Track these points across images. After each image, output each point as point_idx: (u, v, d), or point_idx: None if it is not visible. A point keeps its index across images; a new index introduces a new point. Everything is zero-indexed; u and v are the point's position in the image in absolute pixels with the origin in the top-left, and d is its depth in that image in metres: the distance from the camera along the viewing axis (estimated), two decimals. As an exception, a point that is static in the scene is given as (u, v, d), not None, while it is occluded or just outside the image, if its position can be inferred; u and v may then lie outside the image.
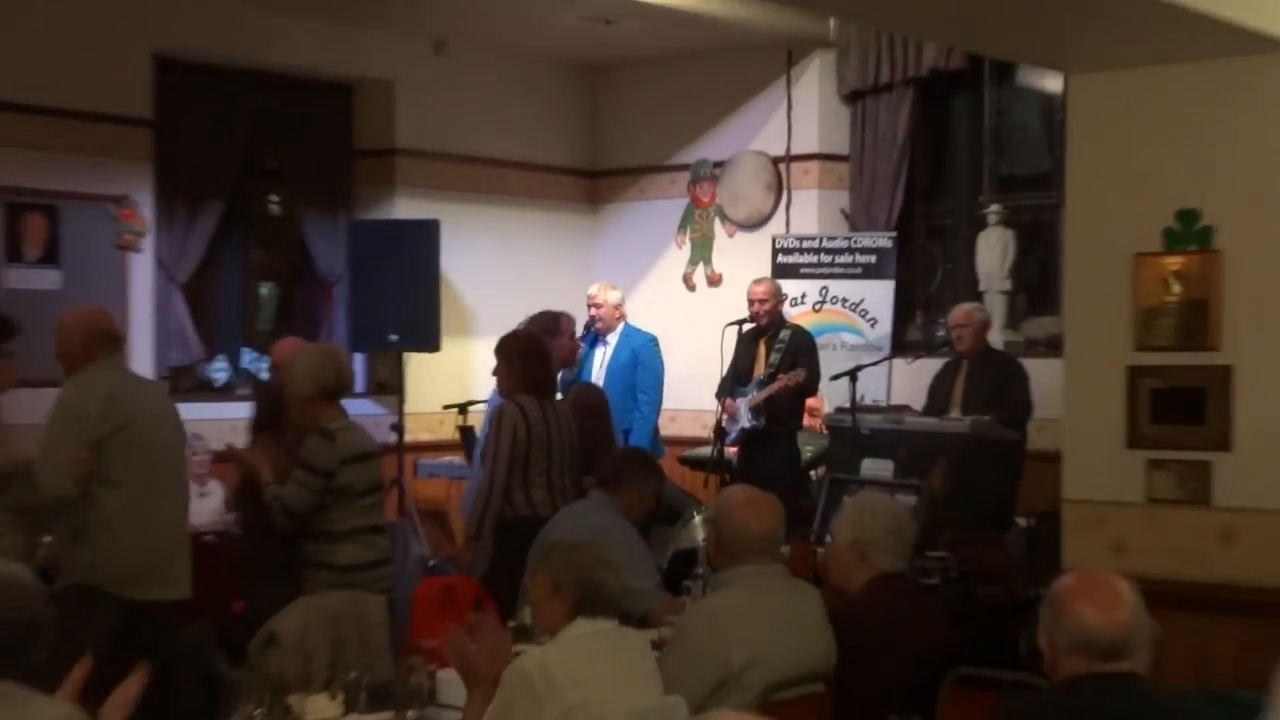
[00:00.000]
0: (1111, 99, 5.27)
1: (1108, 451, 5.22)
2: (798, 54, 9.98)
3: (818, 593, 4.77)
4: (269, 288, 9.84)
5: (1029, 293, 9.36)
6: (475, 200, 9.98)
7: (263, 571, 5.97)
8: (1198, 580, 4.92)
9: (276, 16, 8.95)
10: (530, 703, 3.80)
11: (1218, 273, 5.05)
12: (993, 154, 9.68)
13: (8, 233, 8.02)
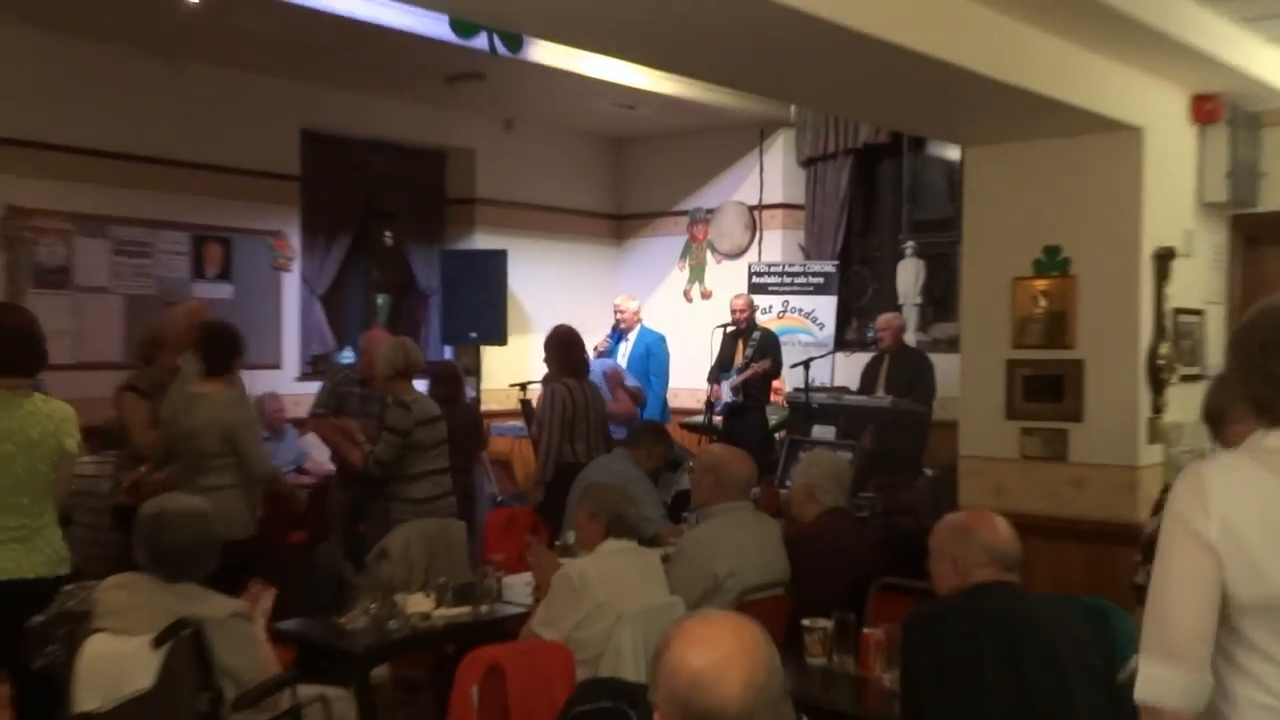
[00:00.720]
0: (996, 164, 5.27)
1: (992, 421, 5.23)
2: (767, 131, 9.99)
3: (778, 523, 4.82)
4: (383, 298, 9.83)
5: (934, 305, 9.33)
6: (533, 235, 9.98)
7: (367, 506, 6.03)
8: (1056, 515, 4.94)
9: (389, 100, 8.96)
10: (570, 598, 3.85)
11: (1073, 292, 5.05)
12: (909, 204, 9.67)
13: (195, 257, 8.06)
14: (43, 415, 4.18)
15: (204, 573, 3.55)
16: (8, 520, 4.10)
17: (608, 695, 2.95)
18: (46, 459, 4.17)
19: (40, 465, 4.15)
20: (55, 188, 7.34)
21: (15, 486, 4.11)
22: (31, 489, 4.15)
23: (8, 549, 4.09)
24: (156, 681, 3.27)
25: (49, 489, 4.22)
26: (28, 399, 4.18)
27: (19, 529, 4.12)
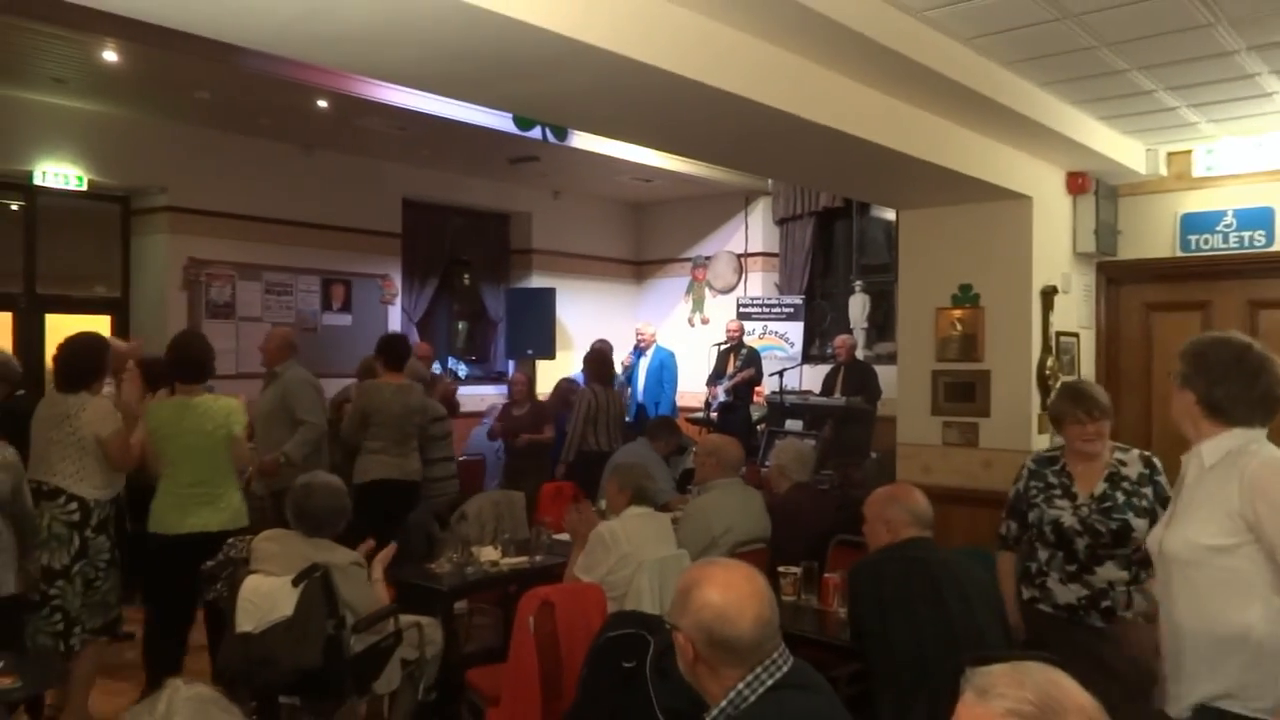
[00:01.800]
0: (924, 223, 5.25)
1: (921, 416, 5.19)
2: (750, 197, 9.95)
3: (760, 494, 4.78)
4: (463, 324, 9.86)
5: (877, 329, 9.27)
6: (574, 277, 9.98)
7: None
8: (970, 488, 4.90)
9: (467, 176, 9.00)
10: (603, 550, 3.83)
11: (981, 318, 5.01)
12: (858, 252, 9.60)
13: (324, 295, 8.09)
14: (214, 410, 4.28)
15: (335, 532, 3.54)
16: (196, 489, 4.22)
17: (631, 624, 2.94)
18: (222, 442, 4.26)
19: (217, 447, 4.24)
20: (223, 244, 7.41)
21: (200, 464, 4.22)
22: (212, 465, 4.24)
23: (199, 509, 4.20)
24: (295, 611, 3.28)
25: (226, 463, 4.30)
26: (201, 399, 4.25)
27: (206, 494, 4.22)
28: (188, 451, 4.20)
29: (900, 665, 3.01)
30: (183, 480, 4.21)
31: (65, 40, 5.47)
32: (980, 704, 1.34)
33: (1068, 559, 3.32)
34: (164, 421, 4.23)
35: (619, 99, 3.29)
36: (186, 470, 4.21)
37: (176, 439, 4.20)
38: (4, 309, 6.89)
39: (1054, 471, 3.42)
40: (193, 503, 4.19)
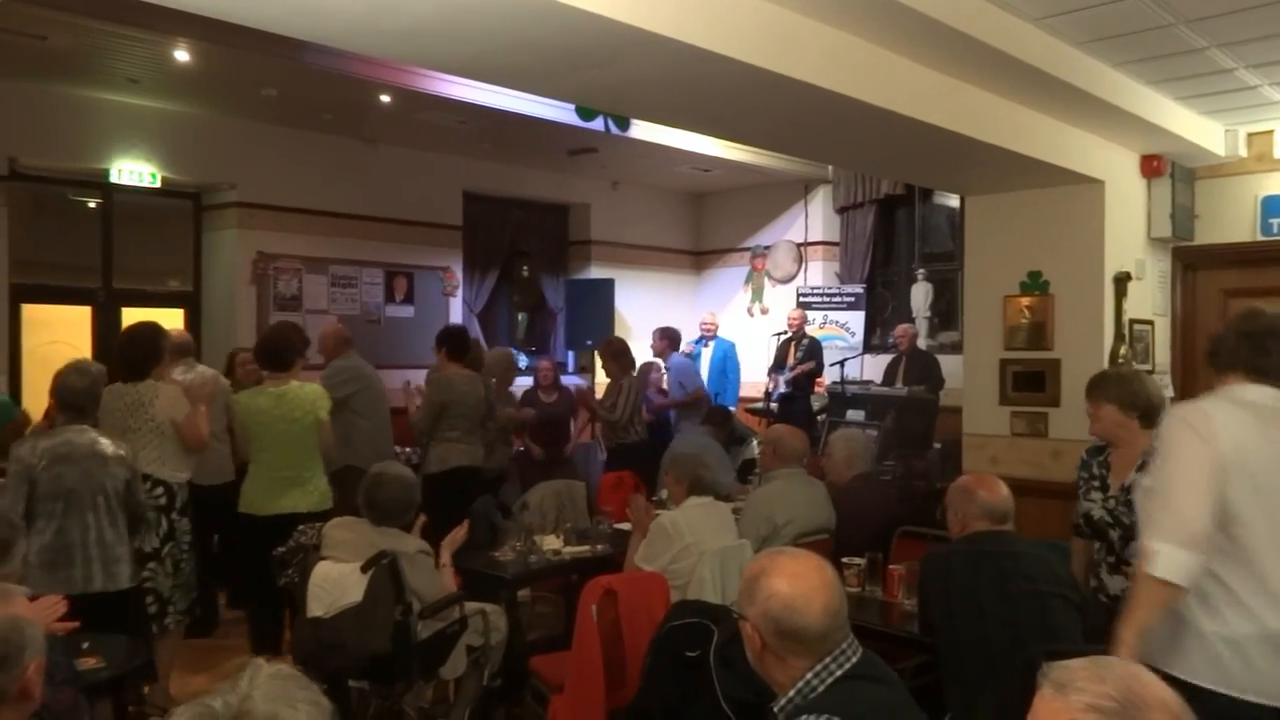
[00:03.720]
0: (991, 209, 5.15)
1: (988, 406, 5.10)
2: (810, 186, 9.84)
3: (823, 484, 4.74)
4: (523, 316, 9.93)
5: (940, 318, 9.13)
6: (633, 268, 9.97)
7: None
8: (1039, 479, 4.80)
9: (527, 168, 9.03)
10: (664, 540, 3.84)
11: (1051, 306, 4.91)
12: (920, 240, 9.46)
13: (387, 287, 8.22)
14: (301, 396, 4.49)
15: (402, 521, 3.59)
16: (286, 471, 4.42)
17: (695, 613, 2.94)
18: (309, 427, 4.46)
19: (304, 431, 4.44)
20: (290, 238, 7.56)
21: (289, 448, 4.42)
22: (301, 449, 4.44)
23: (288, 491, 4.41)
24: (364, 597, 3.34)
25: (313, 448, 4.49)
26: (288, 386, 4.41)
27: (295, 477, 4.43)
28: (279, 437, 4.41)
29: (967, 659, 2.97)
30: (274, 464, 4.42)
31: (139, 41, 5.63)
32: (1059, 698, 1.31)
33: (1108, 550, 3.30)
34: (258, 409, 4.44)
35: (683, 87, 3.28)
36: (278, 455, 4.42)
37: (270, 425, 4.40)
38: (84, 303, 7.13)
39: (1098, 462, 3.43)
40: (283, 485, 4.41)
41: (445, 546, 3.71)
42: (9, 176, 6.45)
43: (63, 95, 6.50)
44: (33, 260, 6.77)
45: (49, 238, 7.05)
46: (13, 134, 6.36)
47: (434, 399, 5.50)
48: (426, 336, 7.36)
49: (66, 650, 2.41)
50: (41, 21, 5.23)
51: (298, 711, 1.17)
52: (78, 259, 7.17)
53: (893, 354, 8.26)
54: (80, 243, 7.18)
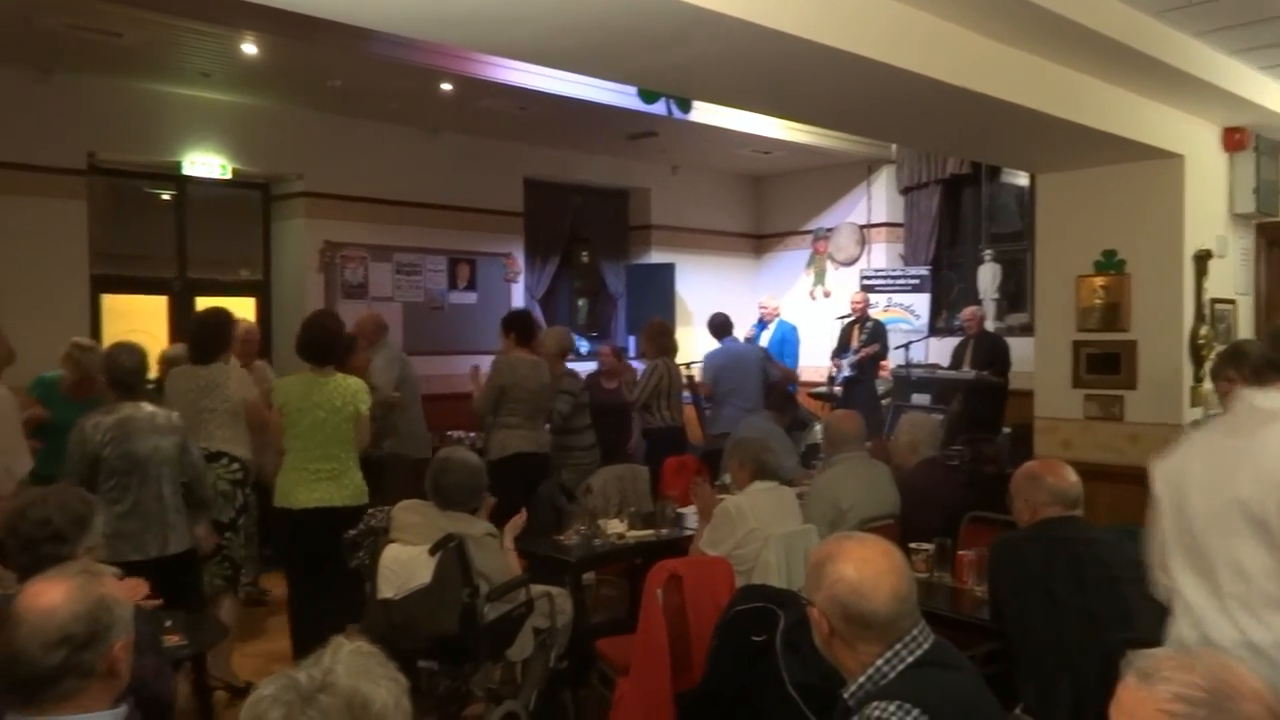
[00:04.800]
0: (1064, 187, 5.03)
1: (1061, 389, 5.00)
2: (873, 167, 9.69)
3: (888, 468, 4.68)
4: (584, 301, 9.96)
5: (1008, 299, 8.94)
6: (694, 252, 9.94)
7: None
8: (1115, 464, 4.69)
9: (587, 154, 9.03)
10: (728, 525, 3.83)
11: (1127, 286, 4.78)
12: (987, 220, 9.27)
13: (450, 274, 8.31)
14: (343, 388, 4.40)
15: (469, 505, 3.63)
16: (323, 465, 4.33)
17: (760, 598, 2.93)
18: (349, 420, 4.38)
19: (344, 424, 4.37)
20: (356, 227, 7.68)
21: (327, 440, 4.33)
22: (339, 442, 4.36)
23: (324, 484, 4.33)
24: (433, 579, 3.39)
25: (349, 441, 4.41)
26: (331, 378, 4.39)
27: (331, 470, 4.34)
28: (315, 427, 4.31)
29: (1041, 647, 2.92)
30: (309, 456, 4.32)
31: (209, 36, 5.76)
32: (1144, 688, 1.28)
33: None
34: (293, 396, 4.35)
35: (748, 67, 3.24)
36: (313, 446, 4.32)
37: (305, 414, 4.32)
38: (160, 293, 7.34)
39: None
40: (317, 478, 4.31)
41: (508, 531, 3.74)
42: (88, 170, 6.65)
43: (137, 90, 6.69)
44: (111, 252, 6.99)
45: (126, 230, 7.27)
46: (91, 129, 6.56)
47: (494, 382, 5.50)
48: (489, 323, 7.44)
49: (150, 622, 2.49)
50: (117, 18, 5.38)
51: (378, 686, 1.21)
52: (153, 250, 7.38)
53: (959, 337, 8.12)
54: (156, 234, 7.40)
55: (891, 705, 1.72)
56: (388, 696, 1.22)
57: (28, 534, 2.37)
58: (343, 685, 1.19)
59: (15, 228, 6.22)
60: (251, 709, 1.19)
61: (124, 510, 3.63)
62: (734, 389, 6.85)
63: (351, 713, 1.18)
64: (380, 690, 1.22)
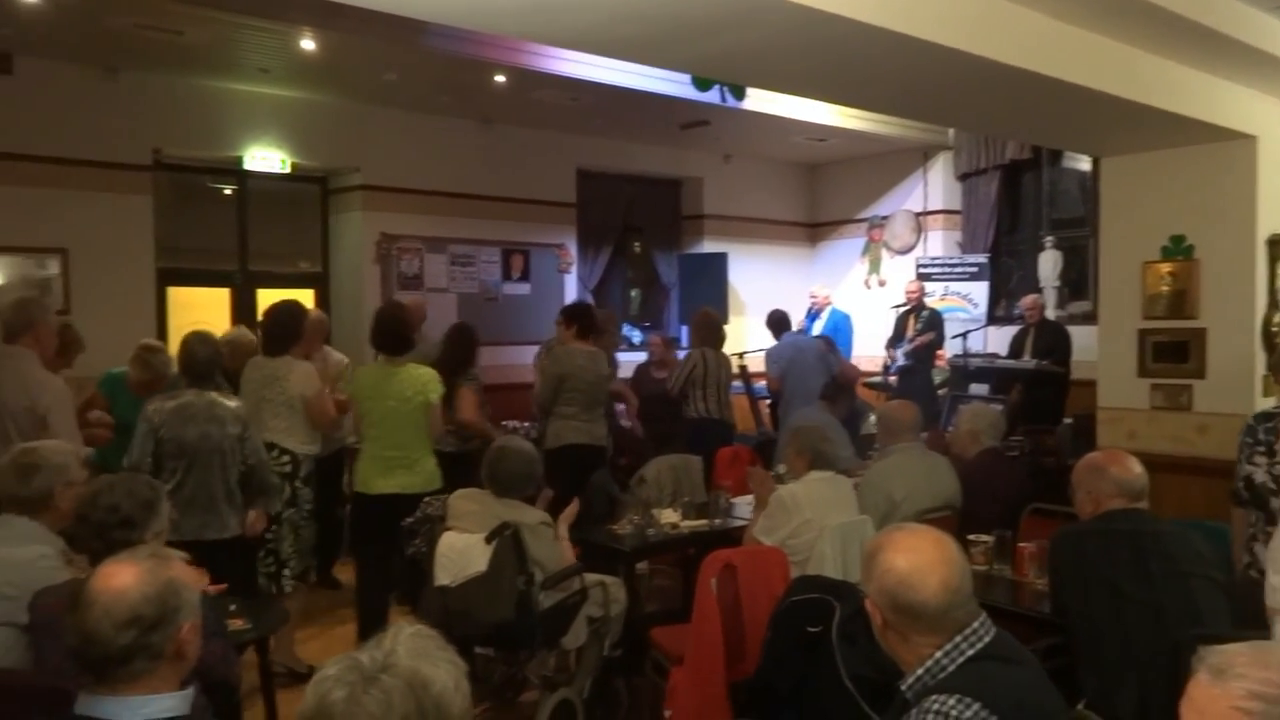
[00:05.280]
0: (1130, 171, 4.89)
1: (1125, 379, 4.87)
2: (930, 153, 9.54)
3: (945, 458, 4.61)
4: (636, 291, 9.96)
5: (1070, 287, 8.76)
6: (747, 241, 9.88)
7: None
8: (1183, 455, 4.56)
9: (639, 144, 9.03)
10: (783, 513, 3.81)
11: (1196, 272, 4.64)
12: (1048, 206, 9.07)
13: (504, 265, 8.37)
14: (414, 378, 4.52)
15: (524, 494, 3.66)
16: (396, 452, 4.48)
17: (816, 589, 2.90)
18: (420, 409, 4.50)
19: (416, 414, 4.49)
20: (412, 219, 7.78)
21: (400, 429, 4.47)
22: (411, 430, 4.48)
23: (397, 472, 4.48)
24: (489, 567, 3.42)
25: (424, 430, 4.53)
26: (402, 368, 4.49)
27: (404, 458, 4.48)
28: (389, 416, 4.47)
29: (1105, 642, 2.85)
30: (384, 443, 4.48)
31: (268, 32, 5.86)
32: (1216, 684, 1.24)
33: (1268, 520, 3.09)
34: (367, 386, 4.51)
35: (804, 53, 3.21)
36: (386, 433, 4.47)
37: (379, 403, 4.47)
38: (222, 285, 7.52)
39: (1266, 428, 3.25)
40: (392, 466, 4.47)
41: (561, 521, 3.77)
42: (153, 166, 6.83)
43: (199, 87, 6.84)
44: (175, 246, 7.17)
45: (189, 224, 7.44)
46: (156, 126, 6.73)
47: (552, 371, 5.51)
48: (542, 313, 7.49)
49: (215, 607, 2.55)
50: (180, 17, 5.51)
51: (438, 668, 1.24)
52: (216, 243, 7.55)
53: (1018, 326, 7.96)
54: (218, 228, 7.57)
55: (951, 699, 1.69)
56: (447, 678, 1.25)
57: (99, 520, 2.44)
58: (404, 666, 1.22)
59: (85, 223, 6.41)
60: (316, 689, 1.22)
61: (169, 491, 3.73)
62: (799, 383, 6.84)
63: (413, 693, 1.20)
64: (440, 672, 1.25)
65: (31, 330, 3.83)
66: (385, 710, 1.18)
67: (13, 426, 3.62)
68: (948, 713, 1.67)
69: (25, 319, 3.84)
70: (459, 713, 1.25)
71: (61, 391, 3.78)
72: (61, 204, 6.33)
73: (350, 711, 1.18)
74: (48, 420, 3.65)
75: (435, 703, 1.22)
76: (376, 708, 1.18)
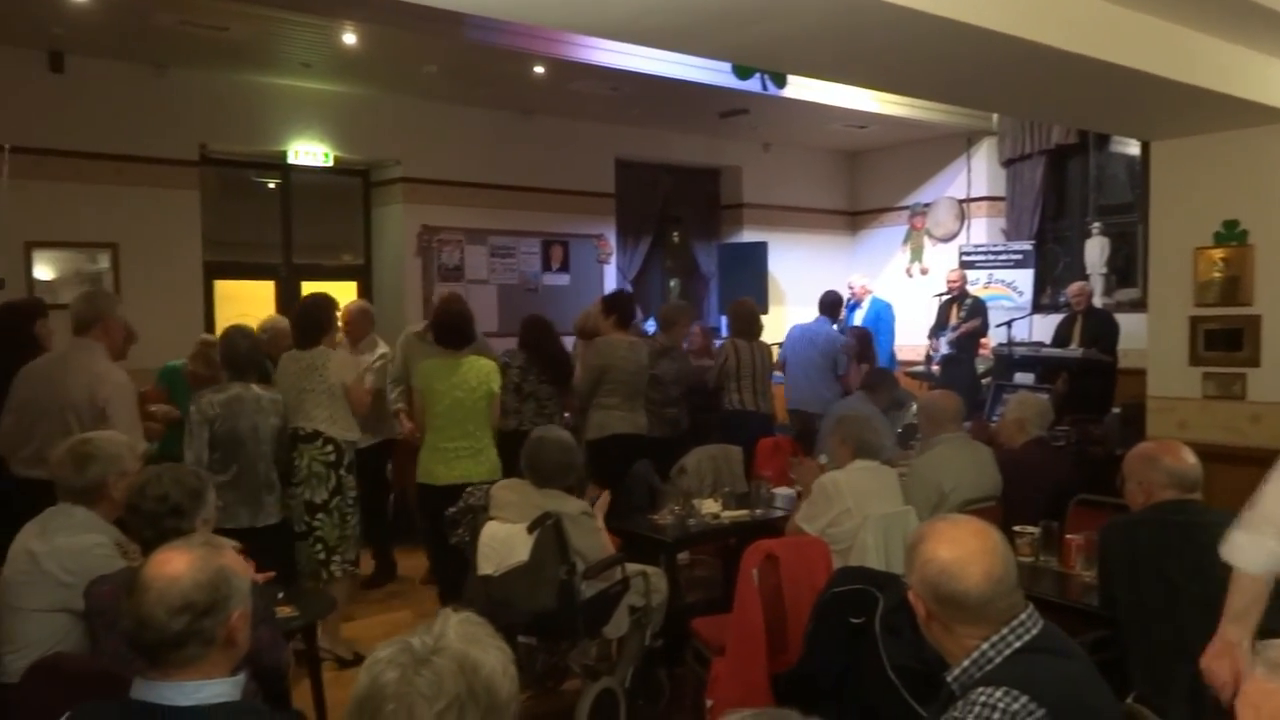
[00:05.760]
0: (1181, 154, 4.78)
1: (1176, 367, 4.78)
2: (973, 139, 9.42)
3: (989, 449, 4.55)
4: (675, 282, 9.95)
5: (1117, 274, 8.61)
6: (786, 230, 9.83)
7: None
8: (1236, 445, 4.46)
9: (677, 133, 8.99)
10: (825, 500, 3.79)
11: (1250, 258, 4.53)
12: (1094, 192, 8.93)
13: (543, 256, 8.41)
14: (476, 369, 4.63)
15: (565, 483, 3.67)
16: (462, 442, 4.57)
17: (859, 580, 2.88)
18: (484, 399, 4.60)
19: (479, 403, 4.59)
20: (453, 211, 7.84)
21: (465, 419, 4.57)
22: (475, 420, 4.58)
23: (463, 461, 4.57)
24: (530, 556, 3.44)
25: (485, 419, 4.62)
26: (465, 359, 4.59)
27: (469, 448, 4.57)
28: (456, 407, 4.55)
29: (1156, 636, 2.81)
30: (447, 435, 4.56)
31: (310, 27, 5.93)
32: (1273, 679, 1.22)
33: None
34: (433, 379, 4.58)
35: (845, 39, 3.18)
36: (451, 425, 4.55)
37: (444, 395, 4.55)
38: (267, 278, 7.63)
39: None
40: (458, 455, 4.55)
41: (596, 511, 3.77)
42: (200, 161, 6.94)
43: (243, 83, 6.94)
44: (221, 239, 7.29)
45: (235, 218, 7.57)
46: (202, 122, 6.84)
47: (593, 363, 5.51)
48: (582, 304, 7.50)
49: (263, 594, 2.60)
50: (225, 13, 5.59)
51: (487, 652, 1.28)
52: (261, 237, 7.67)
53: (1064, 314, 7.83)
54: (262, 221, 7.68)
55: (998, 691, 1.68)
56: (496, 662, 1.28)
57: (150, 510, 2.50)
58: (454, 649, 1.26)
59: (135, 218, 6.54)
60: (369, 670, 1.26)
61: (224, 481, 3.87)
62: (799, 373, 6.98)
63: (463, 675, 1.24)
64: (489, 656, 1.28)
65: (100, 323, 3.93)
66: (436, 691, 1.22)
67: (74, 418, 3.71)
68: (995, 705, 1.66)
69: (94, 312, 3.94)
70: (507, 696, 1.27)
71: (123, 384, 3.87)
72: (112, 199, 6.46)
73: (402, 692, 1.22)
74: (106, 412, 3.73)
75: (485, 685, 1.25)
76: (428, 688, 1.22)
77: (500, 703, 1.26)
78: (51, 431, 3.60)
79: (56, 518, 2.70)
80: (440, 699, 1.21)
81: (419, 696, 1.21)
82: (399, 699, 1.21)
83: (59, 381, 3.80)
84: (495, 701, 1.25)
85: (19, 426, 3.84)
